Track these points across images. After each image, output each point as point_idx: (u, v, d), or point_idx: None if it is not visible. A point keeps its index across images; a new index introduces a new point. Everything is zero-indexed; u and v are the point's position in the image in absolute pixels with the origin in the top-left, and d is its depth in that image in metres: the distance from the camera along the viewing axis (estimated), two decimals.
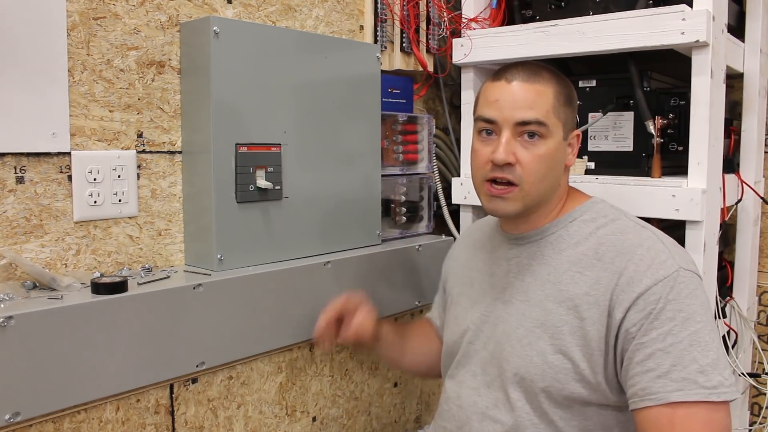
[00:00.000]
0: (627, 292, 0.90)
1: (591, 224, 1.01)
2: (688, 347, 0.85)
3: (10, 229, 0.93)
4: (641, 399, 0.87)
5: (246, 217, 1.14)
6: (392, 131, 1.47)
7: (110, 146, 1.03)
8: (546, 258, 1.01)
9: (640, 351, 0.87)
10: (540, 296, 0.98)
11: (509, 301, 1.03)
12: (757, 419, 1.73)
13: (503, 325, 1.02)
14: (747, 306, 1.60)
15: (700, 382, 0.84)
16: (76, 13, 0.98)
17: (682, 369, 0.84)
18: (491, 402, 1.01)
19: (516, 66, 1.00)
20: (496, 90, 0.99)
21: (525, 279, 1.02)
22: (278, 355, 1.23)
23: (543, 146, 0.96)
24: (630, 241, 0.95)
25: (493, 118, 0.98)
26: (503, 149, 0.95)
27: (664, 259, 0.91)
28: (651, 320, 0.87)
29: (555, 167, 0.99)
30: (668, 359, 0.85)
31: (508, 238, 1.08)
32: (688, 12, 1.16)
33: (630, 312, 0.89)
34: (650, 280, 0.89)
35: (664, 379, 0.85)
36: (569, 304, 0.95)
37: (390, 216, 1.49)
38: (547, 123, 0.96)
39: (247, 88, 1.12)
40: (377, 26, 1.43)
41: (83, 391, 0.92)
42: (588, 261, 0.96)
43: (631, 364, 0.89)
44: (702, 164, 1.18)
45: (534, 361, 0.96)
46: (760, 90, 1.56)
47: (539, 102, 0.96)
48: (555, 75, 1.01)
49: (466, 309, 1.11)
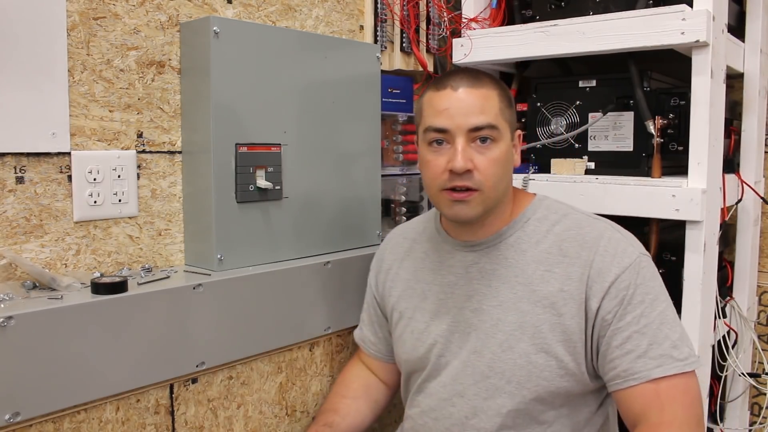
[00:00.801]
0: (599, 282, 0.95)
1: (545, 222, 1.03)
2: (660, 326, 0.93)
3: (10, 229, 0.93)
4: (624, 380, 0.92)
5: (246, 217, 1.14)
6: (392, 131, 1.47)
7: (110, 146, 1.03)
8: (510, 261, 1.02)
9: (618, 335, 0.93)
10: (513, 299, 0.99)
11: (478, 308, 1.02)
12: (757, 419, 1.73)
13: (477, 333, 1.01)
14: (747, 306, 1.60)
15: (675, 356, 0.91)
16: (76, 13, 0.98)
17: (658, 347, 0.91)
18: (469, 411, 1.00)
19: (457, 73, 1.01)
20: (443, 99, 0.98)
21: (492, 284, 1.01)
22: (278, 355, 1.23)
23: (496, 149, 0.97)
24: (589, 234, 0.99)
25: (445, 127, 0.97)
26: (461, 157, 0.94)
27: (624, 247, 0.97)
28: (624, 306, 0.93)
29: (508, 168, 1.01)
30: (645, 339, 0.92)
31: (462, 245, 1.06)
32: (688, 12, 1.16)
33: (604, 301, 0.94)
34: (618, 268, 0.95)
35: (644, 359, 0.91)
36: (545, 303, 0.97)
37: (390, 216, 1.49)
38: (498, 126, 0.97)
39: (247, 88, 1.12)
40: (377, 26, 1.43)
41: (83, 391, 0.92)
42: (554, 258, 0.99)
43: (609, 348, 0.94)
44: (702, 164, 1.18)
45: (518, 363, 0.97)
46: (760, 90, 1.56)
47: (487, 106, 0.97)
48: (494, 79, 1.02)
49: (426, 323, 1.08)
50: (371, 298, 1.23)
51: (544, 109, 1.45)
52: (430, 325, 1.07)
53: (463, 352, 1.02)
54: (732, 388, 1.62)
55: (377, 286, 1.21)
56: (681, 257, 1.23)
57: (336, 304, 1.27)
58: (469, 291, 1.04)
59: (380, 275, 1.20)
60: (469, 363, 1.01)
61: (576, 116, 1.41)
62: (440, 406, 1.04)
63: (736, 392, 1.62)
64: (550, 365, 0.95)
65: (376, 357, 1.23)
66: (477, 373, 1.00)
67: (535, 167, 1.44)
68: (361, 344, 1.26)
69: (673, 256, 1.33)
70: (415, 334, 1.09)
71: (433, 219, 1.15)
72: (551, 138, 1.44)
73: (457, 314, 1.04)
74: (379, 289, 1.20)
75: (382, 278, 1.19)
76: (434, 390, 1.06)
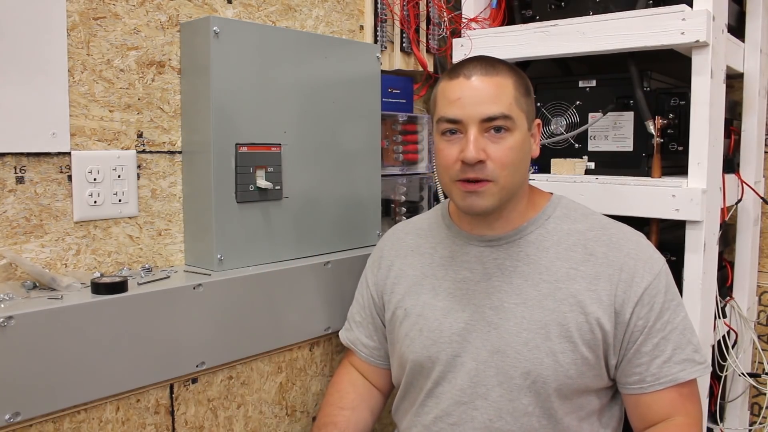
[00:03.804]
0: (633, 287, 0.96)
1: (566, 220, 1.02)
2: (683, 331, 0.96)
3: (10, 229, 0.93)
4: (651, 384, 0.95)
5: (246, 217, 1.14)
6: (392, 131, 1.47)
7: (110, 146, 1.03)
8: (532, 258, 1.00)
9: (648, 342, 0.95)
10: (537, 297, 0.97)
11: (499, 306, 0.99)
12: (757, 419, 1.73)
13: (498, 332, 0.98)
14: (747, 306, 1.60)
15: (697, 359, 0.96)
16: (76, 13, 0.98)
17: (681, 351, 0.95)
18: (494, 414, 0.97)
19: (471, 61, 0.99)
20: (456, 88, 0.96)
21: (514, 281, 0.99)
22: (278, 355, 1.23)
23: (511, 139, 0.95)
24: (615, 236, 1.00)
25: (458, 117, 0.95)
26: (473, 147, 0.92)
27: (651, 254, 0.99)
28: (655, 312, 0.95)
29: (524, 159, 0.99)
30: (670, 345, 0.95)
31: (478, 239, 1.04)
32: (688, 12, 1.16)
33: (637, 307, 0.95)
34: (650, 275, 0.96)
35: (669, 364, 0.94)
36: (572, 301, 0.96)
37: (390, 216, 1.48)
38: (512, 115, 0.94)
39: (247, 88, 1.12)
40: (377, 26, 1.43)
41: (83, 391, 0.92)
42: (579, 257, 0.98)
43: (637, 354, 0.95)
44: (702, 164, 1.18)
45: (545, 362, 0.95)
46: (760, 90, 1.56)
47: (501, 95, 0.94)
48: (510, 66, 1.00)
49: (438, 321, 1.02)
50: (368, 298, 1.17)
51: (544, 109, 1.45)
52: (443, 323, 1.02)
53: (482, 352, 0.98)
54: (732, 388, 1.62)
55: (376, 284, 1.15)
56: (681, 257, 1.22)
57: (336, 304, 1.27)
58: (488, 288, 1.00)
59: (380, 272, 1.15)
60: (491, 363, 0.98)
61: (576, 116, 1.41)
62: (459, 410, 0.99)
63: (736, 392, 1.62)
64: (577, 363, 0.95)
65: (371, 362, 1.18)
66: (501, 373, 0.97)
67: (535, 167, 1.44)
68: (353, 347, 1.20)
69: (673, 256, 1.33)
70: (425, 332, 1.03)
71: (440, 214, 1.12)
72: (551, 138, 1.44)
73: (475, 311, 1.00)
74: (379, 286, 1.15)
75: (383, 275, 1.14)
76: (450, 393, 1.00)
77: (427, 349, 1.03)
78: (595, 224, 1.02)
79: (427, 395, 1.04)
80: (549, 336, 0.95)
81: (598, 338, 0.95)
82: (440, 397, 1.02)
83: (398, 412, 1.13)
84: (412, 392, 1.08)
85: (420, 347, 1.04)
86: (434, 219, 1.14)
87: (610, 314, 0.95)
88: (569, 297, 0.96)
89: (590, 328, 0.95)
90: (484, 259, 1.03)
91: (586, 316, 0.95)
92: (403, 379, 1.09)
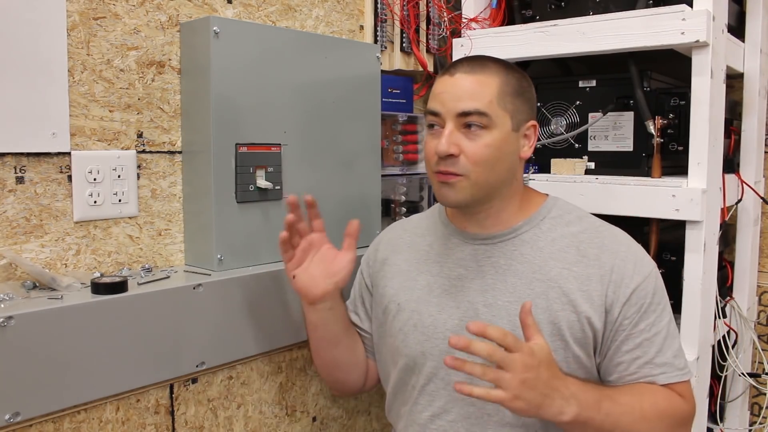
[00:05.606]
0: (622, 288, 0.97)
1: (560, 221, 1.04)
2: (667, 336, 0.97)
3: (10, 229, 0.93)
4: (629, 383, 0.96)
5: (246, 217, 1.14)
6: (392, 131, 1.47)
7: (110, 146, 1.03)
8: (526, 257, 1.01)
9: (630, 341, 0.96)
10: (530, 294, 0.98)
11: (493, 303, 1.00)
12: (757, 419, 1.73)
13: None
14: (747, 306, 1.60)
15: (676, 365, 0.97)
16: (76, 13, 0.98)
17: (662, 355, 0.96)
18: (492, 408, 0.97)
19: (463, 59, 1.02)
20: (441, 84, 0.99)
21: (508, 279, 1.00)
22: (278, 355, 1.23)
23: (487, 137, 0.96)
24: (608, 239, 1.01)
25: (437, 111, 0.98)
26: (445, 141, 0.95)
27: (642, 256, 1.00)
28: (641, 314, 0.96)
29: (503, 158, 0.98)
30: (653, 347, 0.96)
31: (473, 237, 1.05)
32: (688, 12, 1.16)
33: (625, 306, 0.96)
34: (640, 276, 0.97)
35: (650, 365, 0.96)
36: (564, 300, 0.97)
37: (390, 216, 1.48)
38: (489, 113, 0.95)
39: (247, 88, 1.12)
40: (377, 26, 1.43)
41: (83, 391, 0.92)
42: (572, 257, 0.99)
43: (618, 352, 0.97)
44: (702, 164, 1.18)
45: None
46: (760, 90, 1.56)
47: (481, 92, 0.96)
48: (504, 66, 1.00)
49: (432, 316, 1.03)
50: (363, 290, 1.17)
51: (544, 109, 1.45)
52: (437, 318, 1.03)
53: None
54: (732, 388, 1.62)
55: (372, 276, 1.16)
56: (681, 257, 1.23)
57: None
58: (482, 285, 1.01)
59: (375, 265, 1.15)
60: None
61: (576, 116, 1.41)
62: (457, 406, 1.00)
63: (736, 392, 1.62)
64: (567, 360, 0.96)
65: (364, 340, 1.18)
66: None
67: (535, 167, 1.45)
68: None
69: (673, 256, 1.33)
70: (419, 327, 1.04)
71: (438, 212, 1.13)
72: (551, 138, 1.44)
73: (469, 308, 1.01)
74: (371, 279, 1.16)
75: (377, 269, 1.14)
76: (444, 390, 1.01)
77: (421, 344, 1.03)
78: (588, 227, 1.03)
79: (420, 392, 1.04)
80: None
81: (589, 336, 0.96)
82: (434, 395, 1.03)
83: (392, 411, 1.13)
84: (405, 389, 1.08)
85: (414, 342, 1.04)
86: (432, 217, 1.15)
87: (600, 314, 0.96)
88: (561, 296, 0.97)
89: (581, 326, 0.96)
90: (478, 257, 1.04)
91: (578, 314, 0.96)
92: (394, 375, 1.09)
